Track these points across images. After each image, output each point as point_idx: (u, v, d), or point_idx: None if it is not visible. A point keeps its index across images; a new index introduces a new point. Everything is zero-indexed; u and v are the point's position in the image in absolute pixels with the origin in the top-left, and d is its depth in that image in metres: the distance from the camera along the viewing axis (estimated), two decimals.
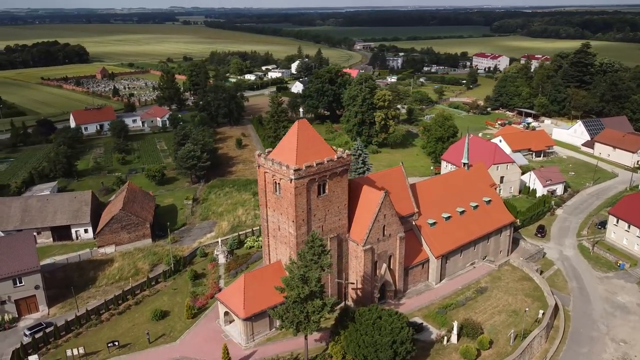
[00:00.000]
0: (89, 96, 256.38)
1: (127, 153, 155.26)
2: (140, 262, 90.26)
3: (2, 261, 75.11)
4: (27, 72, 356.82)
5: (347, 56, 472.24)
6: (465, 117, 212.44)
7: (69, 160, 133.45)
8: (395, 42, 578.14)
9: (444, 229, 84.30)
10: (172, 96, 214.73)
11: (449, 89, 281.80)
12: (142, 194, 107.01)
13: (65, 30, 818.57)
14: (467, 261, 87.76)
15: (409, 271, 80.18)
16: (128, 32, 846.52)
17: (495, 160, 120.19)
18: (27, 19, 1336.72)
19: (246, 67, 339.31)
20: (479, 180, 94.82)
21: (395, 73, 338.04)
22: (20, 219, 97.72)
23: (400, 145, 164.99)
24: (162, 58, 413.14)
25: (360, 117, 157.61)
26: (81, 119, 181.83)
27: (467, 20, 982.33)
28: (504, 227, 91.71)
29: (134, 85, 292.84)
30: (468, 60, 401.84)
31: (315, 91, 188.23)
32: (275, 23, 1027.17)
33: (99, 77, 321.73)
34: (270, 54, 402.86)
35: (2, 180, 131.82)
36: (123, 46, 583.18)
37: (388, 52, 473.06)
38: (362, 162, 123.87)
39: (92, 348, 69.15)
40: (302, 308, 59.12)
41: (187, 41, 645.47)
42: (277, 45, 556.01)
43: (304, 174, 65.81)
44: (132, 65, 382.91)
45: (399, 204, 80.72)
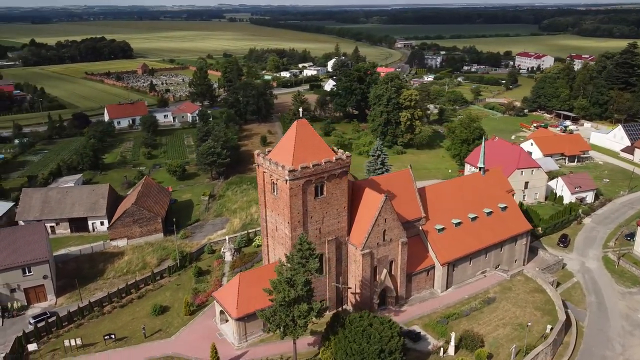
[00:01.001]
0: (127, 91, 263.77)
1: (153, 148, 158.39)
2: (148, 257, 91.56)
3: (12, 251, 77.64)
4: (74, 67, 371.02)
5: (386, 54, 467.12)
6: (500, 119, 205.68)
7: (95, 154, 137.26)
8: (438, 40, 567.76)
9: (452, 236, 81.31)
10: (204, 92, 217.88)
11: (487, 89, 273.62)
12: (157, 189, 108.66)
13: (116, 27, 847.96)
14: (477, 269, 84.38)
15: (412, 277, 77.76)
16: (175, 29, 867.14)
17: (520, 164, 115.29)
18: (82, 16, 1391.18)
19: (283, 65, 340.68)
20: (495, 185, 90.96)
21: (433, 72, 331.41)
22: (40, 209, 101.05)
23: (427, 146, 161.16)
24: (203, 55, 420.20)
25: (386, 117, 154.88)
26: (114, 113, 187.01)
27: (515, 18, 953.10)
28: (519, 235, 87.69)
29: (171, 81, 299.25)
30: (511, 60, 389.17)
31: (343, 89, 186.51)
32: (319, 20, 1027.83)
33: (139, 73, 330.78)
34: (307, 52, 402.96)
35: (34, 171, 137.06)
36: (168, 43, 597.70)
37: (429, 50, 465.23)
38: (381, 163, 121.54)
39: (90, 340, 70.42)
40: (288, 312, 58.09)
41: (229, 38, 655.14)
42: (317, 42, 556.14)
43: (299, 175, 64.67)
44: (172, 62, 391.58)
45: (405, 208, 78.53)
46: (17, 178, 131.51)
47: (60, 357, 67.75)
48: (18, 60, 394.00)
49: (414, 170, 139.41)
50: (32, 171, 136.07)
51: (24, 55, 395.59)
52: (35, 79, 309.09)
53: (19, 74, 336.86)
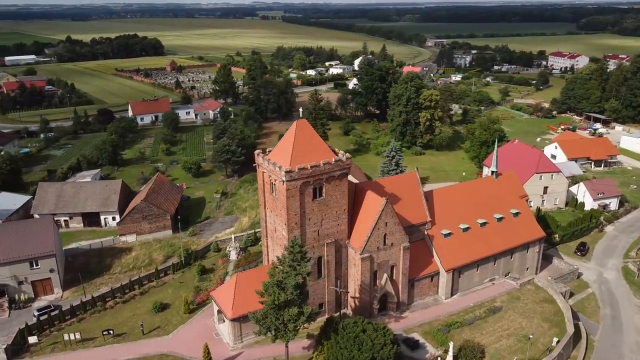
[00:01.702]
0: (155, 87, 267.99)
1: (172, 144, 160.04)
2: (155, 253, 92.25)
3: (20, 244, 79.32)
4: (105, 63, 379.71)
5: (416, 53, 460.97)
6: (526, 121, 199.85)
7: (114, 149, 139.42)
8: (470, 39, 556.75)
9: (459, 241, 78.94)
10: (228, 90, 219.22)
11: (516, 89, 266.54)
12: (169, 185, 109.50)
13: (151, 24, 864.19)
14: (485, 277, 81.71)
15: (414, 283, 75.82)
16: (208, 26, 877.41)
17: (539, 168, 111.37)
18: (120, 13, 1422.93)
19: (309, 63, 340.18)
20: (508, 190, 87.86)
21: (461, 71, 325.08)
22: (55, 203, 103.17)
23: (447, 147, 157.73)
24: (232, 52, 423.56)
25: (405, 117, 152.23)
26: (138, 109, 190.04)
27: (553, 16, 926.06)
28: (531, 242, 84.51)
29: (198, 78, 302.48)
30: (544, 60, 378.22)
31: (364, 88, 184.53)
32: (350, 18, 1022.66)
33: (168, 70, 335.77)
34: (335, 50, 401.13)
35: (56, 165, 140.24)
36: (199, 40, 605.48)
37: (460, 49, 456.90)
38: (395, 164, 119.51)
39: (90, 334, 71.24)
40: (278, 315, 57.25)
41: (260, 36, 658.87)
42: (347, 41, 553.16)
43: (296, 176, 63.71)
44: (201, 59, 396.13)
45: (410, 212, 76.71)
46: (39, 172, 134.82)
47: (60, 350, 68.77)
48: (54, 56, 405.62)
49: (431, 172, 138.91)
50: (54, 165, 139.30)
51: (59, 51, 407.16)
52: (68, 74, 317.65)
53: (53, 69, 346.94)
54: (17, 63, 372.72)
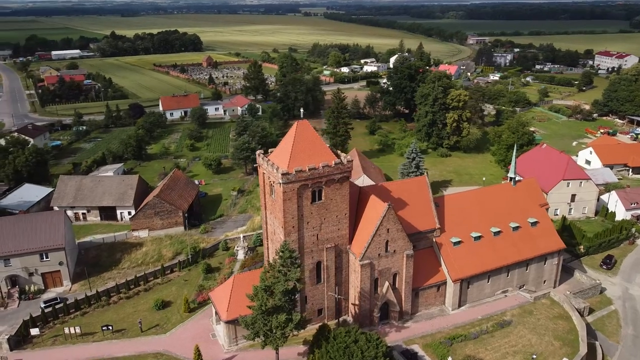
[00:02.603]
0: (189, 83, 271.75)
1: (198, 140, 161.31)
2: (165, 249, 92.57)
3: (31, 236, 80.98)
4: (145, 58, 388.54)
5: (455, 51, 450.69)
6: (564, 123, 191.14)
7: (139, 144, 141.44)
8: (514, 37, 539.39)
9: (469, 250, 75.38)
10: (258, 86, 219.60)
11: (557, 90, 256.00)
12: (185, 182, 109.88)
13: (195, 20, 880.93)
14: (496, 288, 77.83)
15: (419, 292, 72.91)
16: (250, 22, 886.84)
17: (567, 175, 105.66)
18: (167, 9, 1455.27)
19: (344, 60, 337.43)
20: (527, 198, 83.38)
21: (501, 70, 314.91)
22: (73, 197, 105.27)
23: (475, 149, 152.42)
24: (269, 48, 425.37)
25: (431, 118, 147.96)
26: (168, 104, 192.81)
27: (605, 14, 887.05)
28: (549, 254, 79.92)
29: (232, 74, 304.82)
30: (590, 59, 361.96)
31: (393, 87, 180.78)
32: (393, 15, 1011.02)
33: (204, 65, 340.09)
34: (371, 47, 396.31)
35: (84, 158, 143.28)
36: (239, 36, 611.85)
37: (502, 47, 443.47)
38: (415, 166, 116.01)
39: (91, 329, 71.92)
40: (266, 321, 55.84)
41: (299, 32, 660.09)
42: (386, 38, 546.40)
43: (293, 179, 62.00)
44: (238, 55, 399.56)
45: (418, 218, 73.80)
46: (66, 164, 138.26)
47: (60, 343, 69.68)
48: (97, 51, 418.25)
49: (455, 175, 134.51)
50: (81, 158, 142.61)
51: (102, 46, 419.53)
52: (109, 69, 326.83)
53: (96, 64, 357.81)
54: (62, 57, 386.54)
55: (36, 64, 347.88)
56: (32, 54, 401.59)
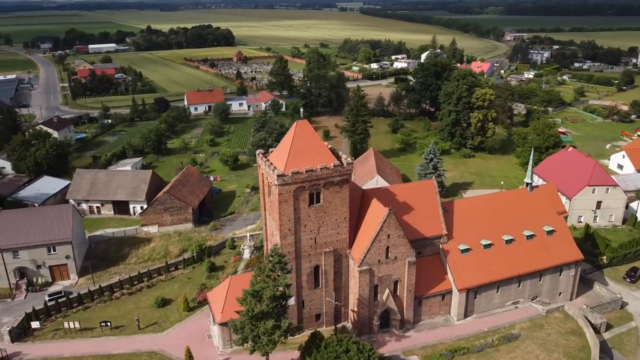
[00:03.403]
0: (217, 77, 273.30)
1: (218, 135, 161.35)
2: (172, 246, 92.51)
3: (39, 229, 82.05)
4: (178, 52, 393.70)
5: (491, 48, 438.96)
6: (598, 124, 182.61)
7: (159, 138, 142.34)
8: (554, 33, 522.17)
9: (478, 258, 71.97)
10: (283, 82, 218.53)
11: (595, 89, 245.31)
12: (197, 178, 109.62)
13: (230, 15, 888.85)
14: (506, 299, 74.14)
15: (422, 301, 70.07)
16: (284, 17, 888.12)
17: (592, 181, 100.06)
18: (206, 4, 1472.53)
19: (374, 56, 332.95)
20: (543, 204, 79.05)
21: (536, 68, 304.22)
22: (88, 190, 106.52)
23: (500, 150, 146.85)
24: (300, 44, 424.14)
25: (454, 117, 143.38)
26: (192, 99, 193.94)
27: None
28: (565, 265, 75.62)
29: (261, 69, 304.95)
30: (634, 57, 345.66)
31: (418, 85, 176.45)
32: (430, 10, 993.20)
33: (234, 60, 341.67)
34: (403, 43, 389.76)
35: (105, 151, 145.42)
36: (272, 31, 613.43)
37: (540, 44, 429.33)
38: (433, 167, 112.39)
39: (92, 324, 72.21)
40: (253, 326, 54.35)
41: (333, 27, 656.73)
42: (420, 34, 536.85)
43: (289, 181, 60.21)
44: (269, 50, 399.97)
45: (424, 223, 70.94)
46: (88, 157, 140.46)
47: (60, 337, 70.21)
48: (132, 45, 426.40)
49: (477, 177, 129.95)
50: (104, 152, 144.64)
51: (137, 40, 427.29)
52: (142, 63, 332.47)
53: (130, 58, 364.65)
54: (99, 51, 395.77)
55: (73, 57, 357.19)
56: (71, 47, 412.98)
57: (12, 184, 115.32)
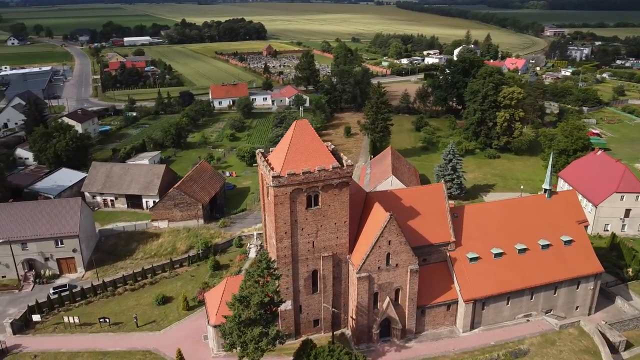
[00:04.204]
0: (245, 71, 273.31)
1: (239, 130, 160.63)
2: (179, 242, 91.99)
3: (47, 222, 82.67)
4: (210, 46, 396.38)
5: (528, 43, 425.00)
6: (637, 126, 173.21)
7: (178, 132, 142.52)
8: (597, 28, 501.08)
9: (487, 268, 68.30)
10: (309, 77, 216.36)
11: (636, 88, 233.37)
12: (210, 174, 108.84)
13: (266, 8, 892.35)
14: (517, 312, 70.20)
15: (426, 310, 66.96)
16: (320, 11, 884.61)
17: (621, 187, 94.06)
18: None
19: (406, 51, 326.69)
20: (562, 212, 74.38)
21: (575, 65, 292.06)
22: (103, 183, 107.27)
23: (527, 151, 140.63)
24: (332, 38, 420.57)
25: (480, 116, 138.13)
26: (217, 93, 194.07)
27: None
28: (584, 277, 71.04)
29: (290, 64, 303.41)
30: None
31: (445, 82, 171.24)
32: (469, 5, 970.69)
33: (264, 54, 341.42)
34: (436, 38, 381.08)
35: (128, 143, 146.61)
36: (306, 25, 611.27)
37: (581, 40, 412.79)
38: (452, 169, 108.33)
39: (92, 319, 72.20)
40: (240, 332, 52.66)
41: (367, 22, 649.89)
42: (457, 28, 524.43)
43: (285, 182, 58.09)
44: (299, 44, 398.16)
45: (431, 229, 67.72)
46: (108, 150, 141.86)
47: (60, 331, 70.45)
48: (167, 38, 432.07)
49: (500, 179, 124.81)
50: (125, 144, 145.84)
51: (171, 34, 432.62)
52: (174, 56, 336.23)
53: (163, 51, 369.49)
54: (133, 44, 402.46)
55: (108, 50, 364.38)
56: (107, 40, 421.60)
57: (32, 175, 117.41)
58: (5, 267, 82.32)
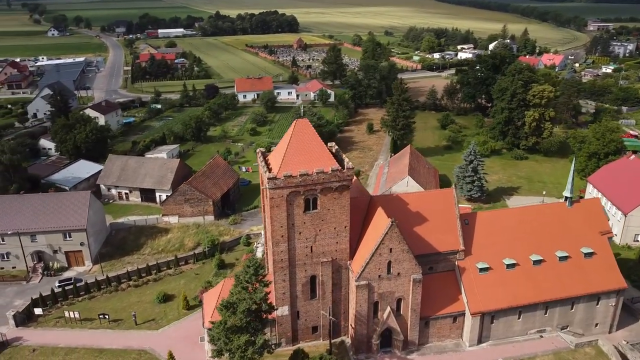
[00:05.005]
0: (274, 64, 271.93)
1: (261, 125, 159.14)
2: (188, 239, 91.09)
3: (56, 215, 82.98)
4: (242, 38, 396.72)
5: (569, 38, 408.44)
6: None
7: (198, 125, 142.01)
8: None
9: (498, 279, 64.42)
10: (335, 71, 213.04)
11: None
12: (223, 169, 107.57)
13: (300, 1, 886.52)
14: (530, 327, 66.07)
15: (430, 322, 63.65)
16: (355, 4, 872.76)
17: None
18: None
19: (438, 45, 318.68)
20: (584, 222, 69.55)
21: (618, 61, 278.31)
22: (117, 176, 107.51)
23: (558, 153, 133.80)
24: (364, 31, 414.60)
25: (507, 115, 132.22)
26: (242, 86, 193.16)
27: None
28: (604, 293, 66.23)
29: (319, 57, 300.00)
30: None
31: (473, 78, 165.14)
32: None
33: (294, 47, 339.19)
34: (471, 32, 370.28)
35: (150, 136, 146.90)
36: (340, 17, 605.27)
37: (627, 35, 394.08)
38: (472, 170, 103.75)
39: (93, 314, 71.94)
40: (227, 340, 50.82)
41: (402, 14, 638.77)
42: (495, 22, 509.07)
43: (281, 184, 55.80)
44: (331, 37, 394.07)
45: (439, 236, 64.36)
46: (129, 142, 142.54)
47: (61, 325, 70.48)
48: (200, 30, 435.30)
49: (526, 182, 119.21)
50: (147, 136, 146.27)
51: (204, 26, 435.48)
52: (205, 48, 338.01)
53: (195, 43, 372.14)
54: (167, 36, 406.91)
55: (141, 42, 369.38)
56: (142, 31, 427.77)
57: (52, 166, 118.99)
58: (15, 258, 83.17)
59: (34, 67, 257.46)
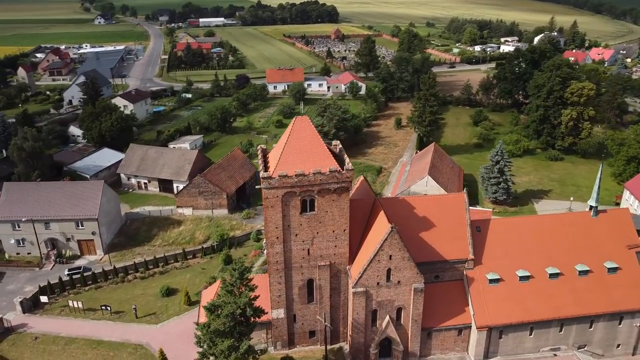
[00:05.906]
0: (309, 55, 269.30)
1: (288, 117, 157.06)
2: (199, 232, 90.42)
3: (69, 204, 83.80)
4: (281, 28, 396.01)
5: (624, 31, 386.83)
6: None
7: (224, 116, 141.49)
8: None
9: (510, 292, 60.25)
10: (369, 63, 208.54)
11: None
12: (241, 162, 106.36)
13: None
14: (543, 344, 61.67)
15: (433, 333, 60.28)
16: None
17: None
18: None
19: (480, 38, 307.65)
20: (610, 234, 64.22)
21: None
22: (137, 166, 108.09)
23: (595, 155, 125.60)
24: (405, 22, 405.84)
25: (542, 113, 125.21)
26: (272, 77, 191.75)
27: None
28: (629, 312, 61.02)
29: (356, 49, 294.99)
30: None
31: (510, 73, 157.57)
32: None
33: (332, 38, 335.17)
34: (516, 24, 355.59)
35: (177, 125, 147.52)
36: (382, 8, 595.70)
37: None
38: (499, 171, 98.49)
39: (97, 305, 72.16)
40: (211, 343, 49.28)
41: (447, 5, 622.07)
42: (545, 13, 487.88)
43: (276, 184, 53.57)
44: (370, 28, 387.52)
45: (447, 243, 60.76)
46: (155, 131, 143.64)
47: (65, 314, 71.03)
48: (240, 19, 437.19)
49: (558, 185, 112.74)
50: (172, 126, 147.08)
51: (244, 15, 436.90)
52: (243, 38, 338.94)
53: (234, 32, 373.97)
54: (208, 25, 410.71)
55: (181, 30, 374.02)
56: (184, 20, 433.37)
57: (78, 153, 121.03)
58: (30, 244, 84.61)
59: (76, 55, 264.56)
